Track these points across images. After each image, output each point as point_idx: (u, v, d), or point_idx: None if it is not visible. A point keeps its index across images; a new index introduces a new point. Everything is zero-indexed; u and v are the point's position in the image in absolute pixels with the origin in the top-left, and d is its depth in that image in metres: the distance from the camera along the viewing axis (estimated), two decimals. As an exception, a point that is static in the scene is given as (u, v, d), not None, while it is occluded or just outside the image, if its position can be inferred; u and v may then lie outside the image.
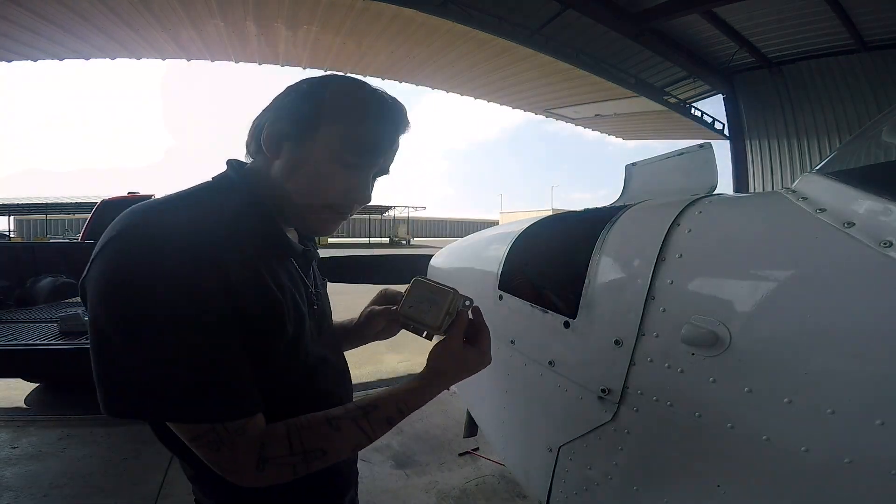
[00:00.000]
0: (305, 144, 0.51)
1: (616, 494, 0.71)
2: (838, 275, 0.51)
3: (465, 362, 0.59)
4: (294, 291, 0.53)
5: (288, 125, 0.52)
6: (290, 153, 0.52)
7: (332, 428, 0.49)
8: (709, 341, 0.57)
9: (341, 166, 0.52)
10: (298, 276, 0.57)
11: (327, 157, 0.51)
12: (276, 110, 0.53)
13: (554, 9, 5.69)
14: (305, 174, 0.52)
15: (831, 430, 0.46)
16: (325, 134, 0.51)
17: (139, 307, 0.40)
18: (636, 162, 1.21)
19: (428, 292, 0.62)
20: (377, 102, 0.53)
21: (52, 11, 4.60)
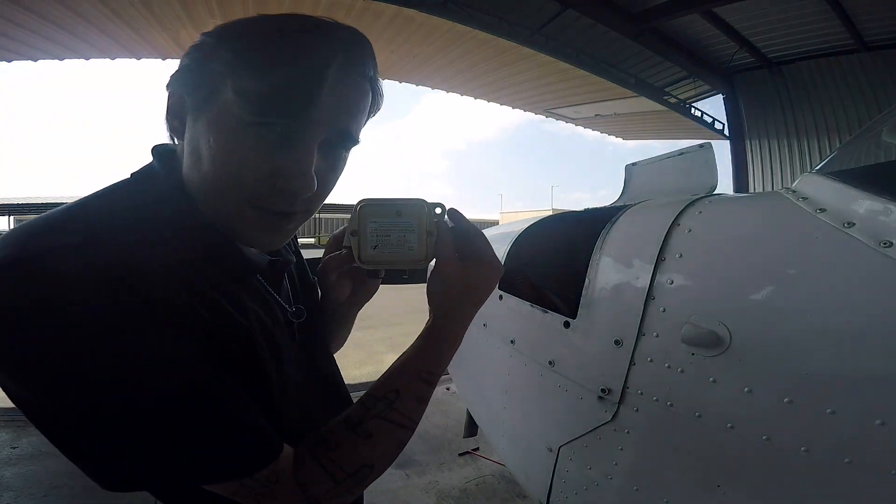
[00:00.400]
0: (204, 114, 0.37)
1: (616, 494, 0.71)
2: (838, 275, 0.51)
3: (474, 281, 0.46)
4: (264, 319, 0.42)
5: (182, 92, 0.39)
6: (191, 130, 0.39)
7: (362, 436, 0.40)
8: (709, 341, 0.57)
9: (250, 133, 0.36)
10: (269, 298, 0.45)
11: (230, 124, 0.36)
12: (172, 77, 0.40)
13: (554, 9, 5.68)
14: (210, 154, 0.37)
15: (831, 430, 0.46)
16: (221, 94, 0.36)
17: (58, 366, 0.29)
18: (636, 162, 1.21)
19: (391, 215, 0.44)
20: (275, 29, 0.37)
21: (52, 11, 4.59)
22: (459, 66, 6.78)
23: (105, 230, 0.33)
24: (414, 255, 0.45)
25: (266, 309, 0.43)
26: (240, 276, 0.42)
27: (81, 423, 0.31)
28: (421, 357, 0.44)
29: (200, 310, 0.35)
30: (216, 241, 0.40)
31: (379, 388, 0.43)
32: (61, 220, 0.33)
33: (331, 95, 0.36)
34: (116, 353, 0.30)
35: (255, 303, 0.42)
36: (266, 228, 0.40)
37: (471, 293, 0.46)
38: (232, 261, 0.41)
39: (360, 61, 0.39)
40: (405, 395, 0.42)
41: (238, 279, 0.41)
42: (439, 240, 0.46)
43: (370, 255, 0.45)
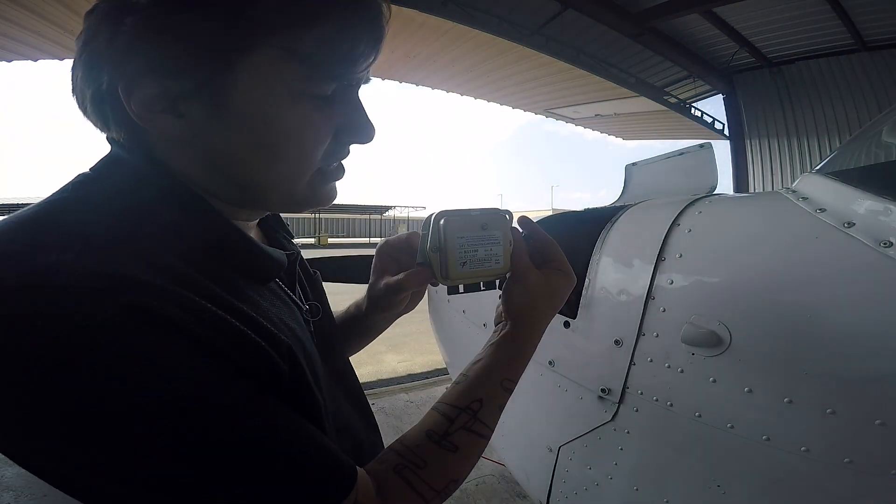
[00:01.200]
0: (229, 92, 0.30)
1: (616, 494, 0.71)
2: (838, 275, 0.51)
3: (553, 289, 0.45)
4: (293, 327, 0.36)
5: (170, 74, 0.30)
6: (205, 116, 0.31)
7: (448, 449, 0.37)
8: (709, 341, 0.57)
9: (313, 103, 0.33)
10: (287, 299, 0.40)
11: (283, 98, 0.31)
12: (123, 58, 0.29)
13: (554, 9, 5.69)
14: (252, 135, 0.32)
15: (831, 430, 0.46)
16: (254, 63, 0.30)
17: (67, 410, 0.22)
18: (636, 162, 1.21)
19: (476, 229, 0.42)
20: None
21: (52, 11, 4.60)
22: (459, 66, 6.79)
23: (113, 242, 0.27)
24: (500, 268, 0.43)
25: (289, 313, 0.38)
26: (259, 273, 0.36)
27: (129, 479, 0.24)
28: (503, 364, 0.43)
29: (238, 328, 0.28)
30: (230, 232, 0.34)
31: (461, 397, 0.40)
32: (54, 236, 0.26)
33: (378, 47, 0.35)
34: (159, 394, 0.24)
35: (277, 308, 0.36)
36: (328, 184, 0.37)
37: (553, 302, 0.46)
38: (259, 261, 0.35)
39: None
40: (488, 404, 0.40)
41: (257, 278, 0.36)
42: (515, 249, 0.44)
43: (458, 272, 0.42)
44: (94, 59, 0.31)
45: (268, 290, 0.37)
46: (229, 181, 0.34)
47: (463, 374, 0.42)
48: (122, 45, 0.29)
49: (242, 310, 0.29)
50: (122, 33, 0.29)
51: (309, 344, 0.38)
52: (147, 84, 0.29)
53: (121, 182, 0.31)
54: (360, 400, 0.49)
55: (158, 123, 0.31)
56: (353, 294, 0.63)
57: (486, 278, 0.44)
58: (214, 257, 0.32)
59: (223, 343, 0.27)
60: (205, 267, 0.30)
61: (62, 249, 0.24)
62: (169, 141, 0.33)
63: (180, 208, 0.32)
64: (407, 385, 3.01)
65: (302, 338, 0.37)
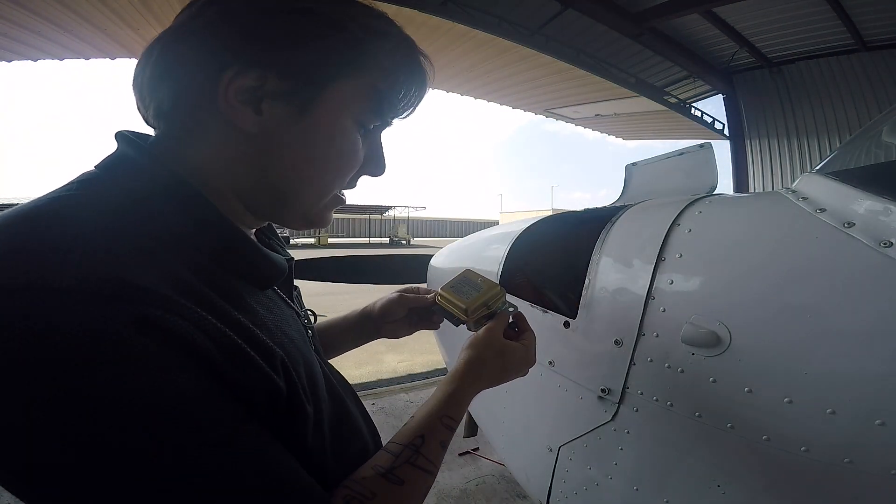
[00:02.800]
0: (315, 104, 0.34)
1: (616, 494, 0.71)
2: (838, 275, 0.51)
3: (505, 354, 0.51)
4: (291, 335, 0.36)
5: (280, 73, 0.32)
6: (282, 119, 0.34)
7: (394, 483, 0.38)
8: (709, 341, 0.57)
9: (361, 132, 0.38)
10: (284, 306, 0.40)
11: (347, 123, 0.36)
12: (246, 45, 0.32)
13: (554, 9, 5.69)
14: (312, 149, 0.35)
15: (831, 430, 0.46)
16: (344, 86, 0.35)
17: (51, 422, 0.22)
18: (636, 162, 1.21)
19: (475, 279, 0.58)
20: (409, 42, 0.39)
21: (52, 11, 4.59)
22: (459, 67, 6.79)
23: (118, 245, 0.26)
24: (464, 304, 0.55)
25: (288, 320, 0.38)
26: (260, 278, 0.36)
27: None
28: (444, 403, 0.45)
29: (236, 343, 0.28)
30: (239, 239, 0.34)
31: (406, 435, 0.41)
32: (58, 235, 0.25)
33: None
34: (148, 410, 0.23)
35: (274, 315, 0.36)
36: (335, 208, 0.41)
37: (500, 358, 0.50)
38: (254, 260, 0.35)
39: None
40: (430, 440, 0.41)
41: (258, 282, 0.36)
42: (494, 318, 0.54)
43: (445, 288, 0.59)
44: (212, 39, 0.32)
45: (266, 297, 0.37)
46: (266, 187, 0.36)
47: (411, 416, 0.44)
48: (253, 33, 0.32)
49: (240, 321, 0.29)
50: (254, 24, 0.32)
51: (308, 350, 0.39)
52: (251, 75, 0.32)
53: (127, 182, 0.31)
54: (360, 404, 0.50)
55: (237, 114, 0.32)
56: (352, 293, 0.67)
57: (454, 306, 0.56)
58: (219, 262, 0.32)
59: (221, 360, 0.26)
60: (208, 273, 0.30)
61: (67, 250, 0.24)
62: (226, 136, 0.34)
63: (187, 211, 0.32)
64: (407, 385, 3.01)
65: (300, 345, 0.37)
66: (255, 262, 0.35)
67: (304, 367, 0.35)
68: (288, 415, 0.32)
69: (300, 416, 0.33)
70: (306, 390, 0.34)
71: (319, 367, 0.41)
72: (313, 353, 0.41)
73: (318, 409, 0.36)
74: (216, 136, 0.34)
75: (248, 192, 0.36)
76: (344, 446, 0.41)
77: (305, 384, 0.34)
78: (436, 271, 1.61)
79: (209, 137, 0.34)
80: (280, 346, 0.32)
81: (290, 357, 0.33)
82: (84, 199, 0.29)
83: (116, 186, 0.31)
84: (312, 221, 0.40)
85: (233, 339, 0.28)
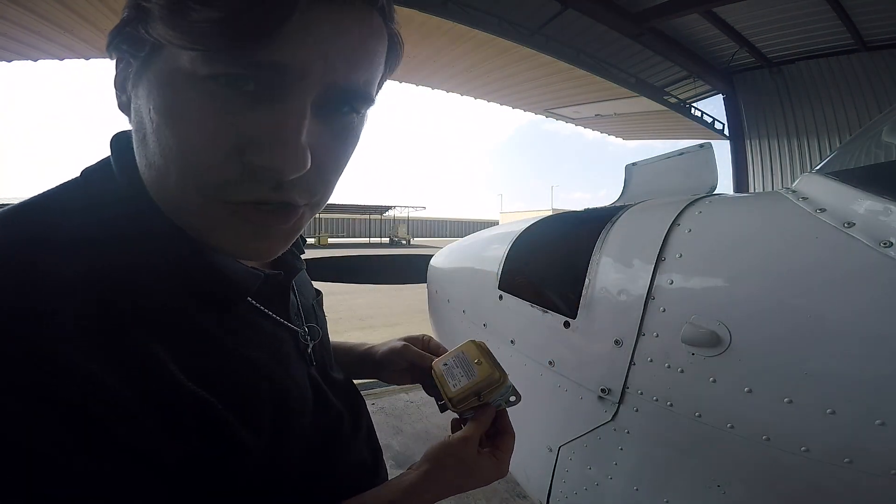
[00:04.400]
0: (145, 73, 0.27)
1: (616, 494, 0.71)
2: (838, 275, 0.51)
3: (475, 471, 0.43)
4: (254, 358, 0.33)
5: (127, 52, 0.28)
6: (134, 100, 0.29)
7: None
8: (709, 341, 0.57)
9: (204, 90, 0.25)
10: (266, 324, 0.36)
11: (177, 81, 0.26)
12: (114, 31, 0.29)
13: (554, 9, 5.69)
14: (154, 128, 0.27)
15: (831, 430, 0.46)
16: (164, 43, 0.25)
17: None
18: (636, 162, 1.21)
19: (472, 360, 0.49)
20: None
21: (52, 11, 4.60)
22: (459, 67, 6.79)
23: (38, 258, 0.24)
24: (449, 392, 0.47)
25: (263, 340, 0.34)
26: (226, 303, 0.32)
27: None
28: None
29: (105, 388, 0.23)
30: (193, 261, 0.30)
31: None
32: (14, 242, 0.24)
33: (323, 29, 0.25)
34: None
35: (239, 336, 0.32)
36: (250, 231, 0.29)
37: (467, 473, 0.42)
38: (217, 286, 0.31)
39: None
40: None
41: (223, 308, 0.32)
42: (482, 412, 0.46)
43: (438, 366, 0.51)
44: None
45: (234, 317, 0.33)
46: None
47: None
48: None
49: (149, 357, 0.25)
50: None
51: (283, 375, 0.35)
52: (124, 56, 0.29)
53: (95, 195, 0.29)
54: (366, 420, 0.48)
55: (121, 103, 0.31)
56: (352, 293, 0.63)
57: (441, 388, 0.48)
58: (167, 281, 0.29)
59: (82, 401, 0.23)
60: (147, 295, 0.27)
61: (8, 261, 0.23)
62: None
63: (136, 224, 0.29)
64: (407, 385, 3.01)
65: (267, 367, 0.33)
66: (206, 281, 0.30)
67: (267, 396, 0.32)
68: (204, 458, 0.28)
69: (230, 453, 0.29)
70: (259, 423, 0.31)
71: (308, 387, 0.38)
72: (299, 374, 0.38)
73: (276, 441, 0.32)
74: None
75: None
76: (332, 463, 0.39)
77: (264, 416, 0.31)
78: (436, 271, 1.61)
79: None
80: (226, 375, 0.29)
81: (233, 387, 0.30)
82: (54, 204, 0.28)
83: (84, 197, 0.29)
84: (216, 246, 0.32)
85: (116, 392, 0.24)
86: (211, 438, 0.28)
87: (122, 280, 0.26)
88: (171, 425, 0.26)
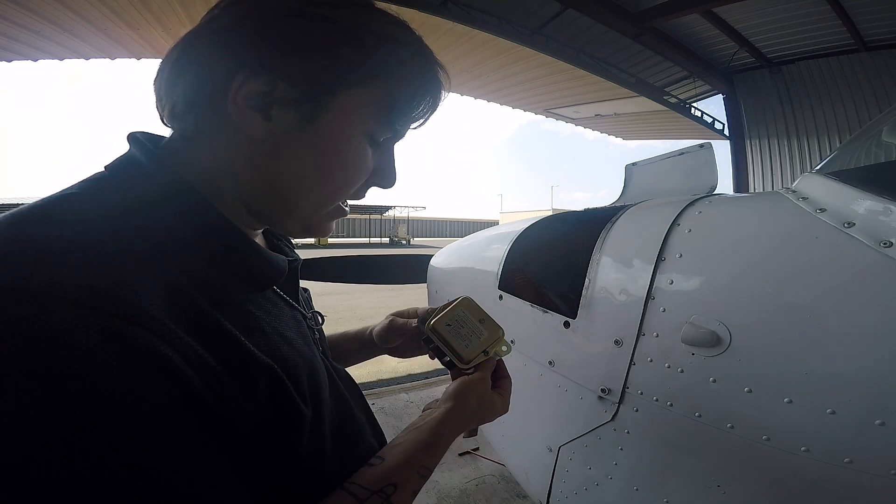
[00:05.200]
0: (322, 113, 0.33)
1: (616, 494, 0.71)
2: (838, 275, 0.51)
3: (490, 406, 0.49)
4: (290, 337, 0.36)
5: (289, 79, 0.32)
6: (290, 126, 0.33)
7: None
8: (709, 341, 0.57)
9: (370, 144, 0.37)
10: (286, 308, 0.40)
11: (355, 132, 0.35)
12: (259, 50, 0.32)
13: (554, 9, 5.69)
14: (319, 157, 0.35)
15: (831, 430, 0.46)
16: (354, 96, 0.34)
17: None
18: (636, 162, 1.21)
19: (476, 319, 0.52)
20: (426, 52, 0.38)
21: (52, 11, 4.60)
22: (459, 66, 6.78)
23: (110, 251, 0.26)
24: (464, 353, 0.50)
25: (289, 322, 0.38)
26: (259, 281, 0.36)
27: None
28: (423, 453, 0.41)
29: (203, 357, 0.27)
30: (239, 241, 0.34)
31: (375, 480, 0.37)
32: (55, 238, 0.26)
33: None
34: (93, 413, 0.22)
35: (272, 317, 0.36)
36: (335, 218, 0.40)
37: (485, 409, 0.48)
38: (253, 263, 0.35)
39: None
40: (403, 490, 0.38)
41: (255, 286, 0.36)
42: (487, 363, 0.51)
43: (441, 325, 0.51)
44: (226, 42, 0.32)
45: (265, 299, 0.37)
46: (269, 193, 0.36)
47: (378, 457, 0.40)
48: (266, 39, 0.32)
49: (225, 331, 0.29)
50: (268, 30, 0.32)
51: (310, 353, 0.38)
52: (261, 80, 0.32)
53: (131, 185, 0.32)
54: (367, 407, 0.50)
55: (246, 118, 0.32)
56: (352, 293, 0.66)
57: (450, 348, 0.50)
58: (218, 265, 0.32)
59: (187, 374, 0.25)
60: (204, 277, 0.30)
61: (44, 253, 0.24)
62: (226, 140, 0.34)
63: (188, 215, 0.32)
64: (407, 385, 3.01)
65: (301, 347, 0.37)
66: (253, 264, 0.35)
67: (305, 370, 0.35)
68: (275, 424, 0.31)
69: (294, 419, 0.32)
70: (305, 393, 0.34)
71: (325, 369, 0.41)
72: (318, 355, 0.40)
73: (318, 412, 0.36)
74: (225, 139, 0.34)
75: (252, 197, 0.36)
76: (348, 448, 0.40)
77: (305, 387, 0.34)
78: (436, 271, 1.61)
79: (218, 141, 0.34)
80: (274, 348, 0.33)
81: (283, 360, 0.33)
82: (84, 200, 0.30)
83: (120, 189, 0.31)
84: (312, 230, 0.39)
85: (203, 358, 0.26)
86: (279, 405, 0.31)
87: (180, 262, 0.29)
88: (248, 391, 0.29)
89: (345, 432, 0.41)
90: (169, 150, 0.35)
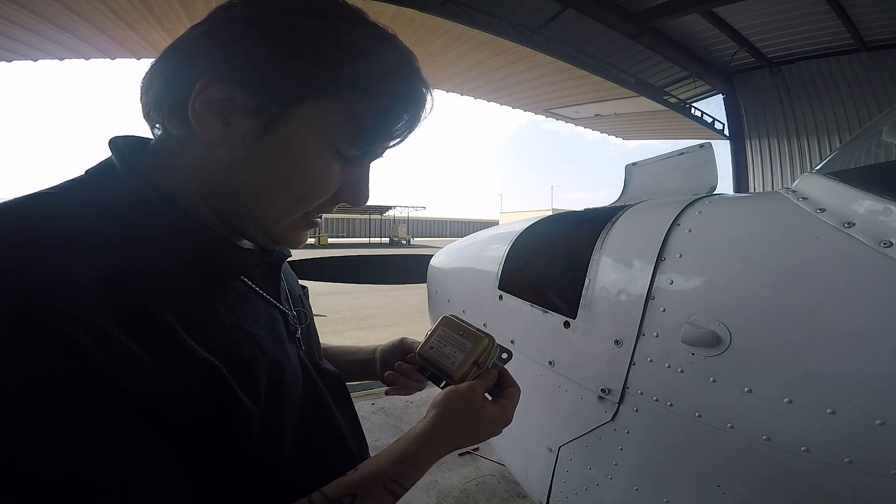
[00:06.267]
0: (280, 122, 0.33)
1: (616, 494, 0.71)
2: (838, 275, 0.51)
3: (480, 418, 0.45)
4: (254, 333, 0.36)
5: (248, 88, 0.32)
6: (247, 133, 0.33)
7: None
8: (709, 341, 0.57)
9: (336, 159, 0.36)
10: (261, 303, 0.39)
11: (318, 146, 0.35)
12: (220, 58, 0.32)
13: (554, 9, 5.69)
14: (274, 166, 0.34)
15: (831, 430, 0.46)
16: (316, 108, 0.33)
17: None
18: (636, 162, 1.21)
19: (456, 334, 0.50)
20: (406, 68, 0.36)
21: (52, 11, 4.60)
22: (459, 67, 6.79)
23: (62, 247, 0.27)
24: (451, 370, 0.48)
25: (258, 318, 0.38)
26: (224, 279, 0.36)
27: None
28: (395, 464, 0.38)
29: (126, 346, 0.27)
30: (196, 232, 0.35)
31: (336, 488, 0.36)
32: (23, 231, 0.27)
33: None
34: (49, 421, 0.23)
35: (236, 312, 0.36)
36: (303, 230, 0.40)
37: (475, 422, 0.45)
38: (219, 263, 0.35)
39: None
40: (361, 502, 0.35)
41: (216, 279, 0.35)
42: (483, 375, 0.48)
43: (425, 351, 0.51)
44: (194, 49, 0.33)
45: (235, 294, 0.37)
46: (228, 199, 0.36)
47: (357, 467, 0.39)
48: (235, 49, 0.32)
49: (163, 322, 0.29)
50: (240, 41, 0.32)
51: (279, 350, 0.38)
52: (221, 88, 0.32)
53: (103, 189, 0.33)
54: (352, 411, 0.50)
55: (205, 123, 0.33)
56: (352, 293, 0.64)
57: (439, 370, 0.49)
58: (180, 262, 0.33)
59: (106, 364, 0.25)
60: (163, 272, 0.31)
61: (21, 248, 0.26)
62: (195, 144, 0.34)
63: (153, 213, 0.33)
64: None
65: (266, 344, 0.37)
66: (217, 259, 0.35)
67: (265, 367, 0.35)
68: (213, 418, 0.30)
69: (237, 415, 0.32)
70: (257, 390, 0.34)
71: (299, 367, 0.41)
72: (293, 353, 0.41)
73: (274, 410, 0.35)
74: (191, 145, 0.35)
75: (215, 201, 0.36)
76: (319, 451, 0.40)
77: (261, 384, 0.34)
78: (436, 271, 1.61)
79: (186, 146, 0.35)
80: (229, 343, 0.33)
81: (237, 356, 0.33)
82: (58, 199, 0.31)
83: (92, 191, 0.33)
84: (276, 240, 0.39)
85: (128, 347, 0.26)
86: (219, 399, 0.31)
87: (134, 258, 0.30)
88: (180, 384, 0.29)
89: (317, 434, 0.40)
90: (146, 154, 0.36)
